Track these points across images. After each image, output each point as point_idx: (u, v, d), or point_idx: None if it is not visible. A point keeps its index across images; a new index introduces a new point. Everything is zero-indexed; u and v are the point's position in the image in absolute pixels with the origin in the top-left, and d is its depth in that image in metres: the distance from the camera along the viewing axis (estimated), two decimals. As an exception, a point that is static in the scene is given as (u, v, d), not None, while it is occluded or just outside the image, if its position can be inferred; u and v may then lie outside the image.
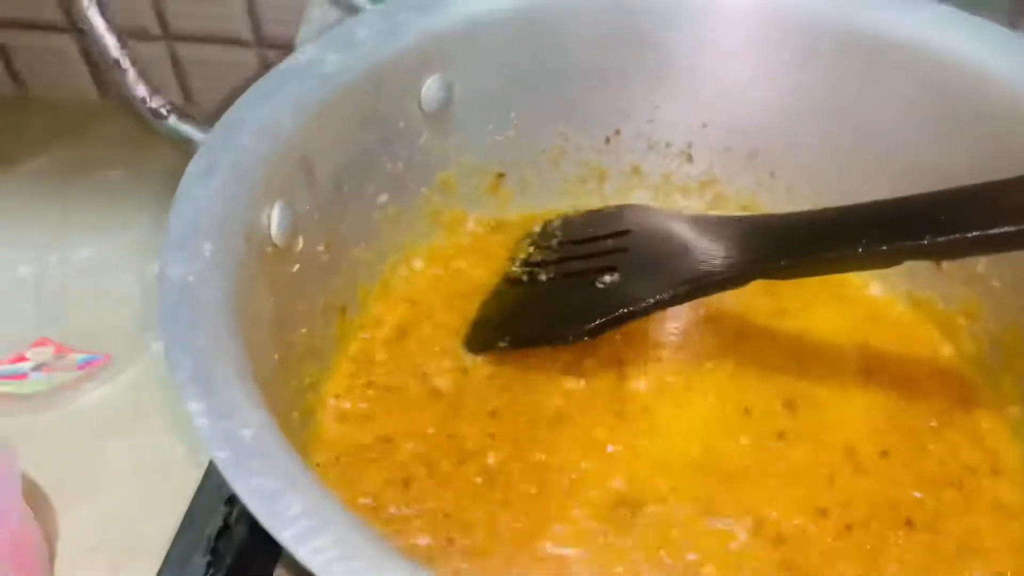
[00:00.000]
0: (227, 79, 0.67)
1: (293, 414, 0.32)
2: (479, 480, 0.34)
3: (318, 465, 0.33)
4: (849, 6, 0.37)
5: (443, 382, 0.37)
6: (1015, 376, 0.36)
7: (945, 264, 0.38)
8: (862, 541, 0.32)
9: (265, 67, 0.67)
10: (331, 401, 0.36)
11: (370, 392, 0.36)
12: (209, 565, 0.34)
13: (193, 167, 0.28)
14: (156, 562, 0.35)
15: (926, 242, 0.30)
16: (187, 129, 0.32)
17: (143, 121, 0.32)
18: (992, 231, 0.29)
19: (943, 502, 0.34)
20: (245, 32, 0.64)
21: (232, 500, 0.36)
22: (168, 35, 0.65)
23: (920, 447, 0.35)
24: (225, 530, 0.35)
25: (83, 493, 0.40)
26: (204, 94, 0.69)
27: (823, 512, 0.33)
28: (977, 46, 0.35)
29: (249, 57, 0.66)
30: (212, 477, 0.37)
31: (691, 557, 0.32)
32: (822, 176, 0.41)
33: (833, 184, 0.40)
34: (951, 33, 0.36)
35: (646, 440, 0.35)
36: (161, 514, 0.37)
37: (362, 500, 0.33)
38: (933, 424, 0.36)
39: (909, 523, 0.33)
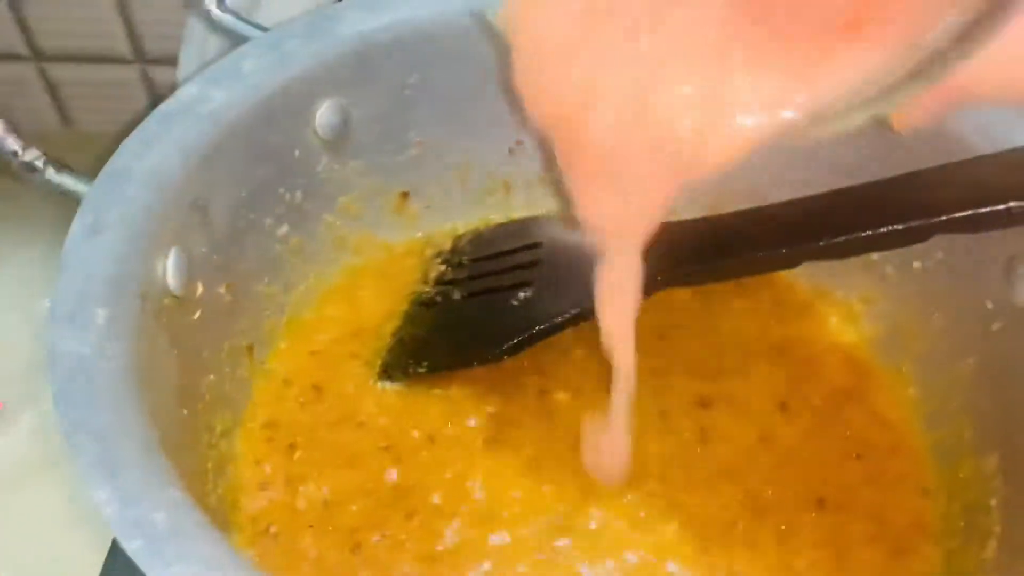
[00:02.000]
0: (110, 100, 0.64)
1: (207, 465, 0.31)
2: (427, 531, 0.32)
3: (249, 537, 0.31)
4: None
5: (375, 422, 0.35)
6: (913, 358, 0.37)
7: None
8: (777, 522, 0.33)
9: (149, 85, 0.64)
10: (251, 467, 0.33)
11: (298, 453, 0.34)
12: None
13: (77, 225, 0.27)
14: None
15: (822, 243, 0.31)
16: (67, 182, 0.30)
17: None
18: (882, 230, 0.30)
19: (848, 479, 0.35)
20: (123, 48, 0.61)
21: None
22: (39, 56, 0.61)
23: (824, 427, 0.36)
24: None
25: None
26: (86, 115, 0.66)
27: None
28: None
29: (131, 75, 0.62)
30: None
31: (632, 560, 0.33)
32: (728, 174, 0.41)
33: (739, 182, 0.41)
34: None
35: (574, 458, 0.35)
36: (77, 572, 0.36)
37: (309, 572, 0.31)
38: (835, 405, 0.37)
39: (821, 503, 0.34)
